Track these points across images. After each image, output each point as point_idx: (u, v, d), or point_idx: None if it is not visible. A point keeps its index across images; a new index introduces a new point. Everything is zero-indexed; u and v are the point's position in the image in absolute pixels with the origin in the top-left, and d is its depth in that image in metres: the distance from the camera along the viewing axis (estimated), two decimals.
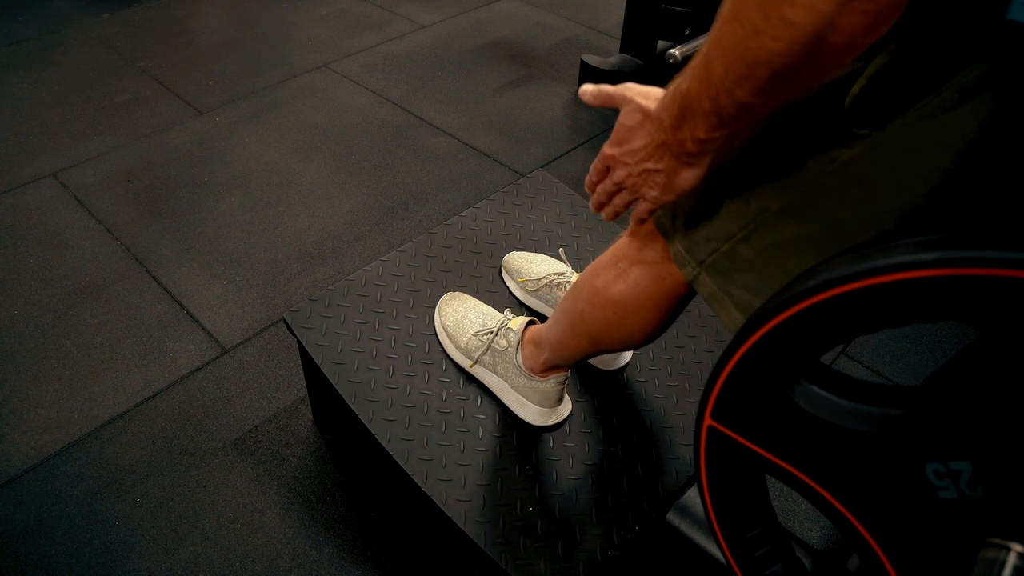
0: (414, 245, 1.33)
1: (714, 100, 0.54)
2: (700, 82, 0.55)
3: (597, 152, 2.35)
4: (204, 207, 1.83)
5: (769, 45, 0.48)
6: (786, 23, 0.46)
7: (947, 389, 0.52)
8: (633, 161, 0.66)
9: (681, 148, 0.61)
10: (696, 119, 0.57)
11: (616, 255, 0.86)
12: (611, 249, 0.88)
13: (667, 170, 0.64)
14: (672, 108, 0.59)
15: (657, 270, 0.82)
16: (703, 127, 0.57)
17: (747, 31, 0.49)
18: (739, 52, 0.50)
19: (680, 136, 0.60)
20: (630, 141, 0.66)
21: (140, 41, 2.51)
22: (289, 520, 1.21)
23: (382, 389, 1.11)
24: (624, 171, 0.68)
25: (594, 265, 0.90)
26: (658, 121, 0.62)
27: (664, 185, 0.65)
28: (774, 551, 0.71)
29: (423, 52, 2.52)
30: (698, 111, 0.57)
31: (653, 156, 0.64)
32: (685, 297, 0.84)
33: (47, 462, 1.28)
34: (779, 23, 0.46)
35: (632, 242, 0.84)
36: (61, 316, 1.54)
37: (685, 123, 0.59)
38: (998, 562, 0.49)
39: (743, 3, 0.48)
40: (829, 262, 0.54)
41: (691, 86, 0.56)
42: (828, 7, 0.44)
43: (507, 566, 0.95)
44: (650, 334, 0.88)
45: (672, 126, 0.60)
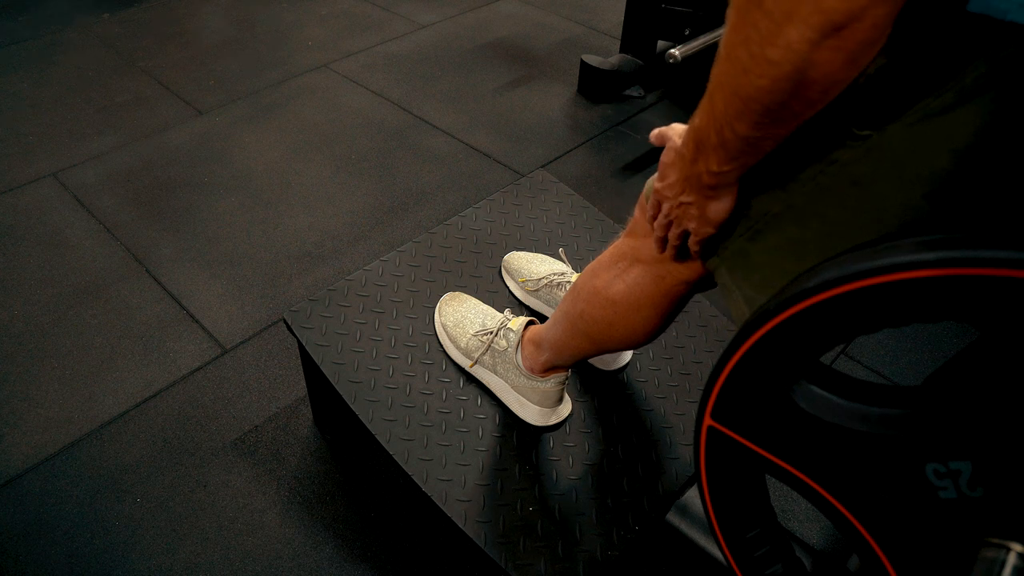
0: (414, 245, 1.33)
1: (720, 134, 0.58)
2: (707, 118, 0.58)
3: (597, 152, 2.34)
4: (204, 207, 1.83)
5: (757, 82, 0.51)
6: (768, 62, 0.49)
7: (947, 389, 0.52)
8: (672, 195, 0.69)
9: (700, 181, 0.64)
10: (708, 153, 0.60)
11: (615, 255, 0.87)
12: (610, 249, 0.88)
13: (698, 202, 0.67)
14: (689, 143, 0.63)
15: (657, 269, 0.82)
16: (715, 160, 0.60)
17: (737, 69, 0.52)
18: (733, 88, 0.53)
19: (697, 169, 0.63)
20: (667, 176, 0.69)
21: (140, 41, 2.51)
22: (289, 520, 1.21)
23: (382, 389, 1.11)
24: (668, 205, 0.71)
25: (593, 265, 0.90)
26: (681, 156, 0.65)
27: (699, 217, 0.68)
28: (774, 551, 0.71)
29: (423, 52, 2.52)
30: (708, 145, 0.60)
31: (685, 190, 0.67)
32: (685, 296, 0.85)
33: (47, 462, 1.28)
34: (762, 62, 0.50)
35: (631, 242, 0.84)
36: (61, 316, 1.54)
37: (700, 157, 0.62)
38: (998, 562, 0.49)
39: (733, 43, 0.51)
40: (829, 262, 0.54)
41: (701, 122, 0.60)
42: (803, 46, 0.47)
43: (507, 566, 0.95)
44: (650, 333, 0.88)
45: (690, 160, 0.63)
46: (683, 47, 1.96)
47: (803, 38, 0.47)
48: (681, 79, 2.40)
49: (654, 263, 0.82)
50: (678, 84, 2.40)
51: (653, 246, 0.81)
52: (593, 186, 1.97)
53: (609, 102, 2.33)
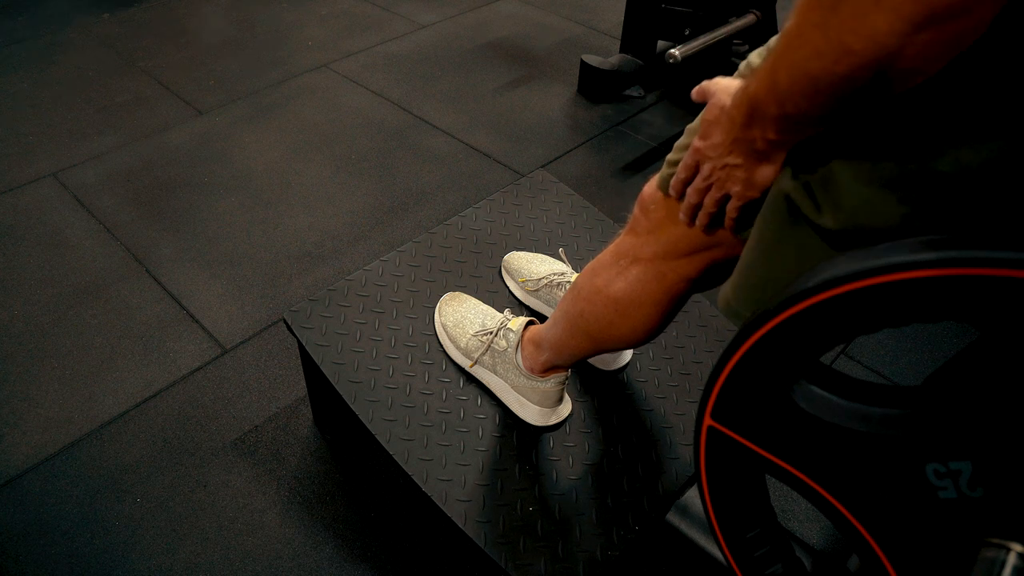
0: (414, 245, 1.33)
1: (780, 107, 0.54)
2: (767, 89, 0.55)
3: (597, 152, 2.33)
4: (204, 207, 1.83)
5: (831, 68, 0.47)
6: (847, 51, 0.45)
7: (947, 389, 0.52)
8: (715, 155, 0.66)
9: (752, 146, 0.61)
10: (764, 122, 0.58)
11: (616, 253, 0.86)
12: (610, 247, 0.88)
13: (746, 164, 0.64)
14: (741, 107, 0.59)
15: (659, 267, 0.82)
16: (772, 129, 0.58)
17: (809, 52, 0.48)
18: (802, 69, 0.49)
19: (750, 135, 0.60)
20: (711, 135, 0.66)
21: (140, 41, 2.51)
22: (289, 520, 1.21)
23: (382, 389, 1.11)
24: (710, 165, 0.67)
25: (593, 264, 0.90)
26: (730, 118, 0.62)
27: (746, 180, 0.65)
28: (774, 551, 0.71)
29: (423, 52, 2.52)
30: (766, 115, 0.57)
31: (732, 151, 0.64)
32: (685, 294, 0.85)
33: (47, 462, 1.28)
34: (840, 50, 0.45)
35: (631, 239, 0.84)
36: (61, 316, 1.54)
37: (754, 124, 0.59)
38: (998, 562, 0.49)
39: (806, 23, 0.47)
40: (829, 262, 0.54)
41: (758, 91, 0.56)
42: (891, 40, 0.43)
43: (507, 566, 0.95)
44: (651, 331, 0.88)
45: (742, 124, 0.60)
46: (683, 47, 1.96)
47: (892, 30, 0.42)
48: (681, 79, 2.40)
49: (655, 261, 0.82)
50: (678, 84, 2.40)
51: (656, 232, 0.80)
52: (593, 186, 1.97)
53: (609, 102, 2.33)
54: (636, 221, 0.84)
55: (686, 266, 0.81)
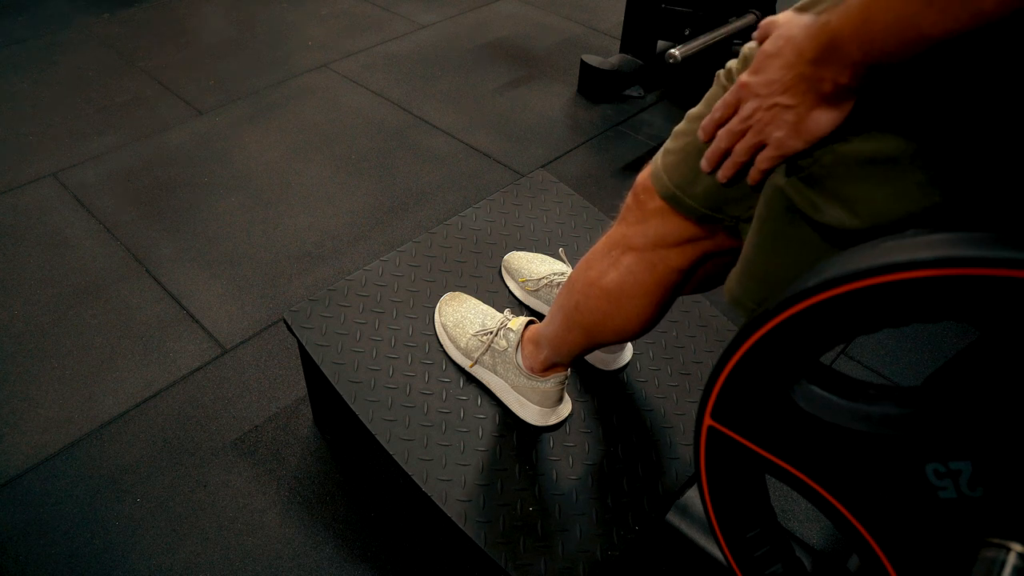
0: (414, 245, 1.33)
1: (866, 53, 0.51)
2: (854, 28, 0.51)
3: (597, 152, 2.32)
4: (204, 207, 1.83)
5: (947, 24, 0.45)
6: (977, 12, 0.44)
7: (947, 389, 0.52)
8: (766, 92, 0.60)
9: (817, 86, 0.56)
10: (842, 64, 0.54)
11: (607, 244, 0.87)
12: (602, 239, 0.88)
13: (800, 107, 0.58)
14: (816, 41, 0.55)
15: (649, 257, 0.82)
16: (848, 74, 0.54)
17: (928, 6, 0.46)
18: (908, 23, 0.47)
19: (820, 73, 0.56)
20: (766, 70, 0.60)
21: (140, 41, 2.51)
22: (289, 520, 1.21)
23: (382, 389, 1.11)
24: (755, 103, 0.61)
25: (587, 257, 0.90)
26: (799, 51, 0.57)
27: (793, 126, 0.59)
28: (774, 551, 0.71)
29: (423, 52, 2.52)
30: (845, 56, 0.53)
31: (789, 89, 0.58)
32: (678, 284, 0.84)
33: (47, 462, 1.28)
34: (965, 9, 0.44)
35: (623, 229, 0.84)
36: (61, 316, 1.54)
37: (828, 63, 0.55)
38: (998, 562, 0.49)
39: None
40: (829, 262, 0.54)
41: (842, 27, 0.52)
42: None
43: (507, 566, 0.95)
44: (645, 323, 0.88)
45: (813, 60, 0.56)
46: (683, 47, 1.96)
47: None
48: (681, 79, 2.40)
49: (646, 250, 0.82)
50: (678, 84, 2.40)
51: (646, 221, 0.79)
52: (593, 186, 1.97)
53: (609, 102, 2.33)
54: (628, 210, 0.84)
55: (677, 256, 0.81)
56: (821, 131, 0.58)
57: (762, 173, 0.65)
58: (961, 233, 0.47)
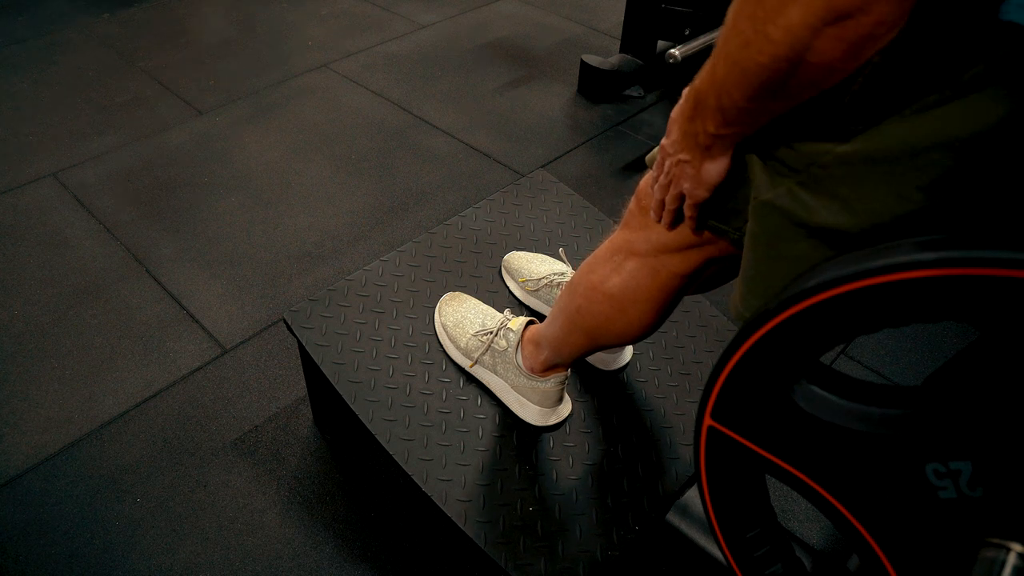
0: (414, 245, 1.33)
1: (718, 99, 0.58)
2: (708, 81, 0.59)
3: (597, 152, 2.33)
4: (204, 207, 1.83)
5: (756, 57, 0.51)
6: (768, 40, 0.49)
7: (947, 389, 0.52)
8: (672, 151, 0.69)
9: (696, 140, 0.64)
10: (706, 114, 0.61)
11: (611, 249, 0.87)
12: (605, 243, 0.88)
13: (694, 161, 0.66)
14: (689, 101, 0.63)
15: (652, 262, 0.82)
16: (712, 123, 0.61)
17: (740, 42, 0.52)
18: (734, 59, 0.54)
19: (695, 128, 0.63)
20: (670, 132, 0.69)
21: (140, 41, 2.51)
22: (289, 520, 1.21)
23: (382, 389, 1.11)
24: (669, 161, 0.70)
25: (590, 261, 0.90)
26: (681, 112, 0.66)
27: (694, 177, 0.68)
28: (774, 551, 0.71)
29: (423, 52, 2.52)
30: (706, 107, 0.60)
31: (684, 146, 0.67)
32: (680, 289, 0.85)
33: (47, 462, 1.28)
34: (763, 39, 0.50)
35: (626, 234, 0.84)
36: (61, 316, 1.54)
37: (698, 116, 0.62)
38: (998, 562, 0.49)
39: (739, 15, 0.52)
40: (829, 262, 0.54)
41: (701, 84, 0.60)
42: (803, 31, 0.47)
43: (507, 566, 0.95)
44: (647, 327, 0.88)
45: (688, 117, 0.64)
46: (683, 47, 1.96)
47: (804, 22, 0.47)
48: (681, 79, 2.40)
49: (649, 256, 0.82)
50: (678, 84, 2.40)
51: (649, 227, 0.81)
52: (593, 186, 1.97)
53: (609, 102, 2.33)
54: (631, 215, 0.84)
55: (680, 262, 0.81)
56: (714, 180, 0.67)
57: (692, 220, 0.73)
58: (961, 233, 0.47)
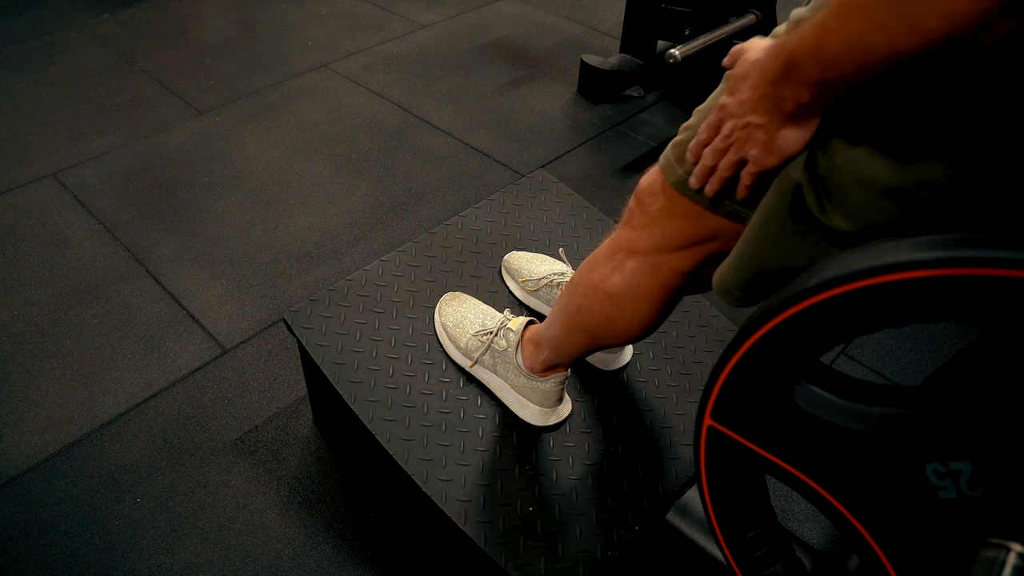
0: (414, 245, 1.33)
1: (822, 72, 0.52)
2: (810, 51, 0.53)
3: (597, 152, 2.32)
4: (204, 207, 1.83)
5: (895, 45, 0.46)
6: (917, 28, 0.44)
7: (947, 389, 0.52)
8: (739, 112, 0.63)
9: (780, 105, 0.59)
10: (800, 83, 0.55)
11: (611, 247, 0.86)
12: (606, 242, 0.88)
13: (768, 126, 0.61)
14: (776, 63, 0.57)
15: (653, 260, 0.82)
16: (807, 92, 0.55)
17: (870, 25, 0.47)
18: (860, 41, 0.48)
19: (782, 93, 0.58)
20: (738, 90, 0.63)
21: (140, 41, 2.51)
22: (289, 520, 1.21)
23: (382, 389, 1.11)
24: (732, 123, 0.64)
25: (590, 260, 0.90)
26: (761, 72, 0.59)
27: (765, 143, 0.62)
28: (774, 551, 0.71)
29: (423, 52, 2.52)
30: (803, 76, 0.54)
31: (757, 108, 0.61)
32: (681, 288, 0.84)
33: (47, 462, 1.28)
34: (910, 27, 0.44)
35: (627, 233, 0.84)
36: (61, 316, 1.54)
37: (788, 82, 0.56)
38: (998, 562, 0.49)
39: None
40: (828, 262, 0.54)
41: (798, 49, 0.54)
42: (971, 23, 0.42)
43: (507, 566, 0.95)
44: (648, 326, 0.88)
45: (774, 80, 0.58)
46: (683, 47, 1.96)
47: (973, 9, 0.41)
48: (681, 79, 2.40)
49: (650, 254, 0.82)
50: (678, 84, 2.40)
51: (650, 225, 0.79)
52: (593, 186, 1.97)
53: (609, 102, 2.33)
54: (631, 214, 0.84)
55: (681, 260, 0.81)
56: (791, 148, 0.60)
57: (747, 188, 0.67)
58: (961, 233, 0.47)
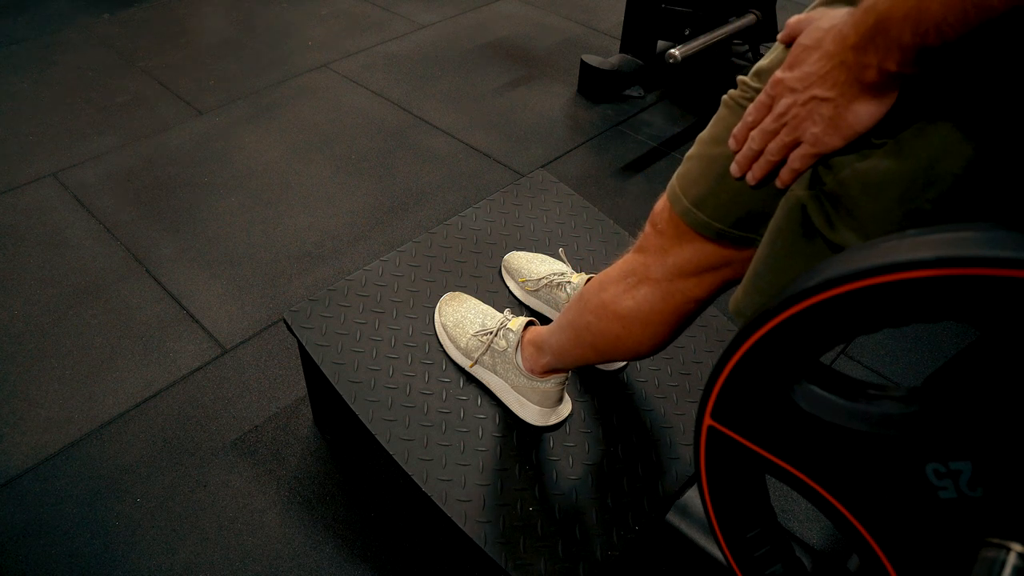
0: (414, 245, 1.33)
1: (920, 36, 0.47)
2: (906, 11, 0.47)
3: (597, 152, 2.31)
4: (204, 207, 1.83)
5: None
6: None
7: (947, 389, 0.52)
8: (802, 86, 0.56)
9: (859, 75, 0.52)
10: (890, 48, 0.49)
11: (624, 270, 0.85)
12: (619, 263, 0.87)
13: (838, 99, 0.54)
14: (861, 26, 0.50)
15: (667, 287, 0.81)
16: (895, 59, 0.49)
17: None
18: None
19: (865, 60, 0.51)
20: (803, 62, 0.56)
21: (140, 41, 2.51)
22: (289, 520, 1.21)
23: (382, 389, 1.11)
24: (790, 99, 0.57)
25: (601, 278, 0.89)
26: (841, 37, 0.53)
27: (830, 120, 0.55)
28: (774, 551, 0.71)
29: (423, 52, 2.52)
30: (895, 40, 0.48)
31: (827, 80, 0.54)
32: (694, 312, 0.84)
33: (47, 462, 1.28)
34: None
35: (641, 259, 0.83)
36: (61, 316, 1.54)
37: (873, 47, 0.50)
38: (998, 562, 0.49)
39: None
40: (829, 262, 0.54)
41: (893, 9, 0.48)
42: None
43: (507, 566, 0.95)
44: (657, 346, 0.87)
45: (856, 45, 0.51)
46: (683, 47, 1.96)
47: None
48: (681, 79, 2.40)
49: (663, 281, 0.81)
50: (678, 84, 2.40)
51: (666, 251, 0.78)
52: (593, 186, 1.97)
53: (609, 102, 2.33)
54: (646, 238, 0.83)
55: (695, 287, 0.80)
56: (862, 125, 0.55)
57: (794, 173, 0.60)
58: (961, 233, 0.47)
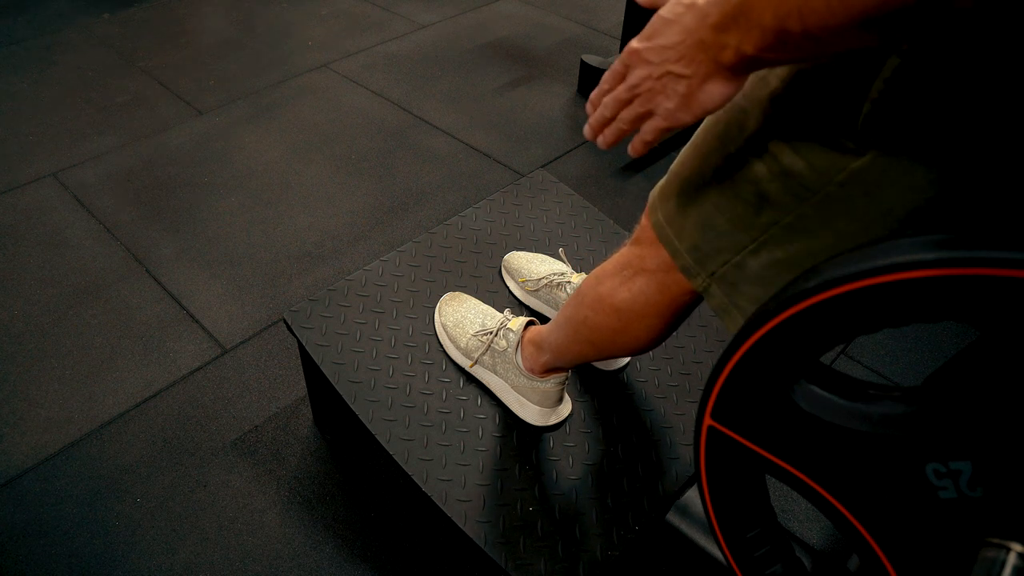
0: (414, 245, 1.33)
1: (780, 20, 0.46)
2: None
3: (597, 152, 2.31)
4: (204, 207, 1.83)
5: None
6: None
7: (947, 389, 0.52)
8: (658, 60, 0.55)
9: (719, 54, 0.52)
10: (750, 31, 0.49)
11: (620, 263, 0.85)
12: (615, 257, 0.87)
13: (694, 77, 0.54)
14: (723, 6, 0.50)
15: (662, 279, 0.81)
16: (753, 42, 0.49)
17: None
18: None
19: (723, 40, 0.51)
20: (661, 34, 0.55)
21: (140, 41, 2.51)
22: (289, 520, 1.21)
23: (382, 389, 1.11)
24: (644, 71, 0.57)
25: (598, 272, 0.89)
26: (702, 15, 0.52)
27: (684, 97, 0.55)
28: (774, 551, 0.71)
29: (423, 52, 2.52)
30: (755, 23, 0.48)
31: (684, 57, 0.54)
32: (690, 305, 0.84)
33: (47, 462, 1.28)
34: None
35: (637, 250, 0.83)
36: (61, 316, 1.54)
37: (734, 28, 0.50)
38: (998, 562, 0.49)
39: None
40: (829, 262, 0.54)
41: None
42: None
43: (507, 566, 0.95)
44: (654, 340, 0.88)
45: (717, 24, 0.51)
46: None
47: None
48: None
49: (659, 272, 0.81)
50: None
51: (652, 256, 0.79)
52: (593, 186, 1.97)
53: None
54: (642, 230, 0.83)
55: None
56: (713, 104, 0.55)
57: (647, 145, 0.60)
58: (961, 233, 0.47)
